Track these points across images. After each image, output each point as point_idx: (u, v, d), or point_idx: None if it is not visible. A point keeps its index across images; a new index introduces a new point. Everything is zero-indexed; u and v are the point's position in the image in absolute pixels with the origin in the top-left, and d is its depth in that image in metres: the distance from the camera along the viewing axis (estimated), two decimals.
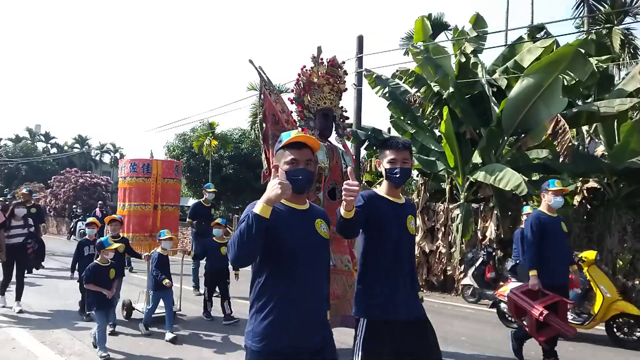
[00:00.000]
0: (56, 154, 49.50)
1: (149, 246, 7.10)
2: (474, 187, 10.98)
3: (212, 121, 25.57)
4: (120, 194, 7.47)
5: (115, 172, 55.19)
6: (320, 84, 5.50)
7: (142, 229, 7.15)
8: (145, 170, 7.20)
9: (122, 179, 7.44)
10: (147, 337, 6.15)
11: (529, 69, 9.68)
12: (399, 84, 12.27)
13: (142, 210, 7.20)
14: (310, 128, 5.33)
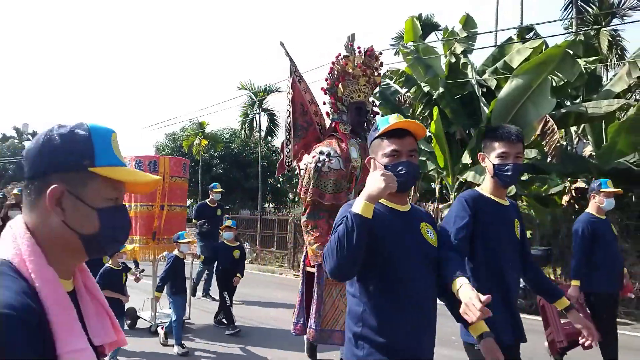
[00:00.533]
0: None
1: (156, 250, 6.63)
2: (463, 187, 11.02)
3: (202, 120, 25.43)
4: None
5: None
6: (355, 75, 5.01)
7: (148, 231, 6.64)
8: (152, 168, 6.62)
9: None
10: (153, 351, 5.61)
11: (518, 69, 9.75)
12: (390, 84, 12.31)
13: (149, 211, 6.61)
14: (343, 122, 4.92)
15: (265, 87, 21.80)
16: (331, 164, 4.59)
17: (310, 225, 4.67)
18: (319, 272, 4.54)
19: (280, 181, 30.46)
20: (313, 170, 4.59)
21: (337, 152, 4.67)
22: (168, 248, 6.53)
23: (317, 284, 4.57)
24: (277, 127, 23.61)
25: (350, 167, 4.67)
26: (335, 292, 4.56)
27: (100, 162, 1.05)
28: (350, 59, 5.03)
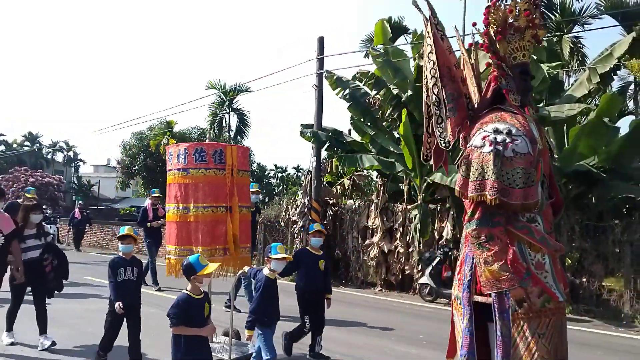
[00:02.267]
0: (4, 152, 47.26)
1: (226, 264, 5.38)
2: (431, 188, 11.19)
3: (170, 119, 25.01)
4: (176, 193, 5.40)
5: (68, 171, 53.32)
6: (520, 27, 3.69)
7: (214, 240, 5.30)
8: (218, 159, 5.39)
9: (179, 171, 5.41)
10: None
11: (484, 73, 9.94)
12: (359, 86, 12.38)
13: (214, 214, 5.30)
14: (512, 91, 3.66)
15: (235, 87, 21.63)
16: (516, 146, 3.35)
17: (484, 235, 3.37)
18: (501, 302, 3.31)
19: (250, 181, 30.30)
20: (493, 156, 3.32)
21: (520, 130, 3.44)
22: (246, 261, 5.53)
23: (498, 319, 3.31)
24: (248, 128, 23.48)
25: (537, 152, 3.46)
26: (531, 330, 3.27)
27: None
28: (512, 5, 3.72)
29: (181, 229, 5.33)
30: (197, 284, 3.80)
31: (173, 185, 5.46)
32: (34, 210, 5.73)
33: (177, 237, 5.36)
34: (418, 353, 5.92)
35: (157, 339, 5.44)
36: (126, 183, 30.50)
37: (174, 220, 5.41)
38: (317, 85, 12.64)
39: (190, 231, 5.28)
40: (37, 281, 5.61)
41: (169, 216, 5.57)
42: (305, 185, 12.98)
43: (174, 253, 5.40)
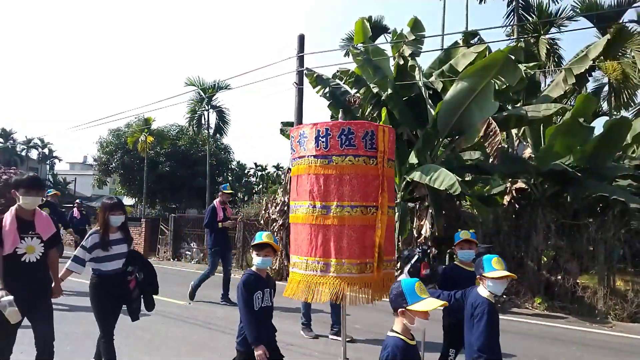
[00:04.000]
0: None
1: (378, 284, 4.26)
2: (410, 186, 11.23)
3: (148, 116, 24.66)
4: (312, 186, 4.27)
5: (43, 168, 52.19)
6: None
7: (364, 252, 4.19)
8: (369, 143, 4.28)
9: (316, 158, 4.27)
10: None
11: (463, 73, 10.03)
12: (340, 84, 12.35)
13: (364, 216, 4.21)
14: None
15: (214, 84, 21.41)
16: None
17: None
18: None
19: (229, 180, 30.02)
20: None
21: None
22: (390, 279, 4.38)
23: None
24: (227, 125, 23.27)
25: None
26: None
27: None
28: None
29: (317, 234, 4.18)
30: (407, 324, 2.65)
31: (306, 177, 4.30)
32: (114, 210, 4.31)
33: (310, 246, 4.20)
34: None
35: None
36: (103, 181, 29.98)
37: (306, 222, 4.25)
38: (297, 83, 12.58)
39: (330, 238, 4.13)
40: (124, 300, 4.38)
41: (297, 217, 4.42)
42: (286, 183, 12.90)
43: (303, 266, 4.25)
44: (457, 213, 11.33)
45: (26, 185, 3.79)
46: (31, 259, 3.81)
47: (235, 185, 33.14)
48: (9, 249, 3.70)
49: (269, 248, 3.63)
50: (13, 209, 3.80)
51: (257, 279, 3.61)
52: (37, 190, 3.87)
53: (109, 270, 4.24)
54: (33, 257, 3.82)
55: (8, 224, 3.72)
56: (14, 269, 3.73)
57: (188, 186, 26.00)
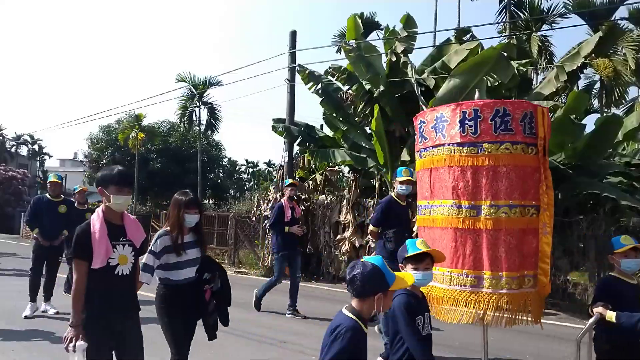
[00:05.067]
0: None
1: (528, 302, 3.52)
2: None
3: (139, 113, 24.48)
4: (456, 182, 3.57)
5: (33, 165, 51.66)
6: None
7: (523, 263, 3.50)
8: (528, 128, 3.55)
9: (460, 147, 3.56)
10: None
11: (455, 69, 10.02)
12: (332, 81, 12.32)
13: (522, 218, 3.52)
14: None
15: (205, 80, 21.27)
16: None
17: None
18: None
19: (221, 177, 29.92)
20: None
21: None
22: (544, 293, 3.61)
23: None
24: (218, 122, 23.13)
25: None
26: None
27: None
28: None
29: (464, 241, 3.46)
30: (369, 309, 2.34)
31: (447, 170, 3.56)
32: (189, 207, 3.57)
33: (456, 255, 3.49)
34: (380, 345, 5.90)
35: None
36: (94, 177, 29.76)
37: (448, 226, 3.53)
38: (289, 79, 12.52)
39: (482, 246, 3.42)
40: (192, 315, 3.59)
41: (433, 220, 3.70)
42: (277, 180, 12.86)
43: (445, 280, 3.54)
44: None
45: (117, 181, 3.04)
46: (124, 272, 3.02)
47: (226, 182, 32.99)
48: (101, 261, 2.90)
49: (429, 259, 2.83)
50: (100, 211, 3.04)
51: (417, 301, 2.82)
52: (129, 188, 3.16)
53: (180, 280, 3.51)
54: (126, 269, 3.03)
55: (98, 230, 2.93)
56: (106, 286, 2.94)
57: (179, 183, 25.81)
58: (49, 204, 7.06)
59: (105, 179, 3.05)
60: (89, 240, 2.89)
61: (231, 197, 32.12)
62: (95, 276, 2.90)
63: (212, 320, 3.61)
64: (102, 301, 2.90)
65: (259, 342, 5.86)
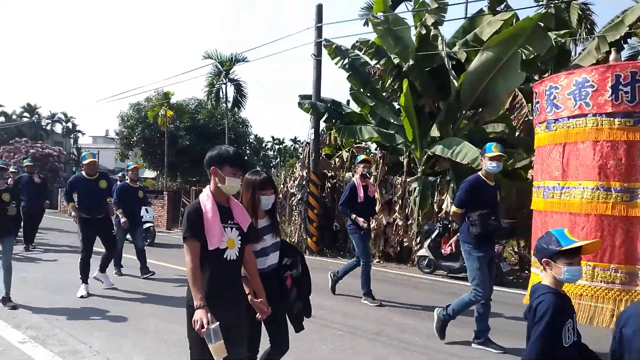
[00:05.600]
0: (4, 123, 46.85)
1: None
2: (431, 160, 11.00)
3: (167, 90, 24.65)
4: (601, 159, 3.26)
5: (67, 142, 52.99)
6: None
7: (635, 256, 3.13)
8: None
9: (609, 117, 3.22)
10: None
11: (488, 42, 9.64)
12: (359, 55, 12.04)
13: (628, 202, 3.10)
14: None
15: (231, 57, 21.18)
16: None
17: None
18: None
19: (247, 153, 30.05)
20: None
21: None
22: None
23: None
24: (245, 98, 23.10)
25: None
26: None
27: None
28: None
29: (612, 231, 3.04)
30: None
31: (590, 146, 3.13)
32: (265, 187, 3.20)
33: (602, 247, 3.02)
34: (415, 324, 5.85)
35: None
36: (125, 154, 30.29)
37: (589, 212, 3.11)
38: (315, 54, 12.31)
39: (637, 237, 2.99)
40: (276, 304, 3.16)
41: (564, 204, 3.25)
42: (304, 157, 12.78)
43: (587, 275, 3.11)
44: None
45: (233, 162, 2.76)
46: (232, 256, 2.77)
47: (253, 159, 33.15)
48: (218, 241, 2.68)
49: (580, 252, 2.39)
50: (209, 192, 2.79)
51: (566, 302, 2.45)
52: (244, 170, 2.91)
53: (264, 268, 3.16)
54: (234, 254, 2.78)
55: (210, 210, 2.70)
56: (215, 271, 2.71)
57: None
58: (87, 183, 7.00)
59: (222, 158, 2.77)
60: (200, 219, 2.66)
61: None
62: (205, 260, 2.67)
63: (297, 310, 3.27)
64: (212, 287, 2.67)
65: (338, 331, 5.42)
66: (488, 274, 4.84)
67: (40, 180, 11.38)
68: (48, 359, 4.31)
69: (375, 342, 5.08)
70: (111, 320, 5.61)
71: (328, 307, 6.54)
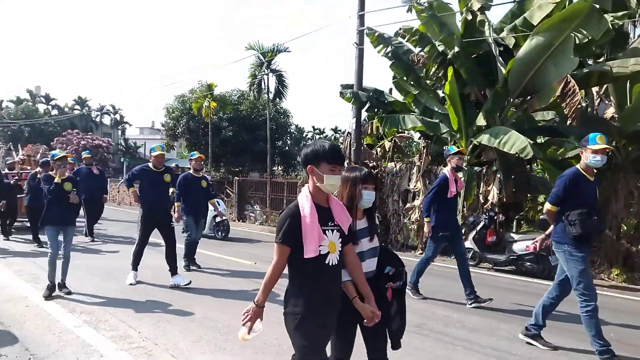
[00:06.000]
0: (57, 115, 49.03)
1: None
2: (477, 150, 10.71)
3: (210, 82, 25.06)
4: None
5: (115, 133, 54.91)
6: None
7: None
8: None
9: None
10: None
11: (539, 26, 9.22)
12: (402, 43, 11.80)
13: None
14: None
15: (273, 47, 21.26)
16: None
17: None
18: None
19: (288, 144, 30.23)
20: None
21: None
22: None
23: None
24: (286, 89, 23.16)
25: None
26: None
27: None
28: None
29: None
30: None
31: None
32: (366, 181, 2.85)
33: None
34: (459, 317, 5.72)
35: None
36: (170, 145, 31.10)
37: None
38: (357, 43, 12.16)
39: None
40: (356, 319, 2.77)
41: None
42: (345, 147, 12.70)
43: None
44: (528, 178, 10.70)
45: (330, 157, 2.54)
46: (333, 261, 2.56)
47: (294, 149, 33.31)
48: (314, 249, 2.48)
49: None
50: (307, 193, 2.59)
51: None
52: (342, 165, 2.63)
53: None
54: (335, 259, 2.56)
55: (309, 214, 2.50)
56: (317, 278, 2.54)
57: (250, 150, 26.45)
58: (153, 175, 7.00)
59: (317, 155, 2.55)
60: (297, 226, 2.48)
61: (298, 164, 32.52)
62: (304, 267, 2.51)
63: (396, 326, 2.90)
64: (314, 295, 2.52)
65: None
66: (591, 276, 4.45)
67: (99, 172, 11.21)
68: (101, 342, 4.48)
69: (418, 334, 5.01)
70: (158, 307, 5.78)
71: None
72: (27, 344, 4.41)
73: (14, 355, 4.12)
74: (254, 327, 2.53)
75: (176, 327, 5.01)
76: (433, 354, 4.45)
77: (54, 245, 6.16)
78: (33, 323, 5.02)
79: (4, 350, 4.21)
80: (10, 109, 47.12)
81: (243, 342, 2.61)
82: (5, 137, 42.85)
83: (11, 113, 45.49)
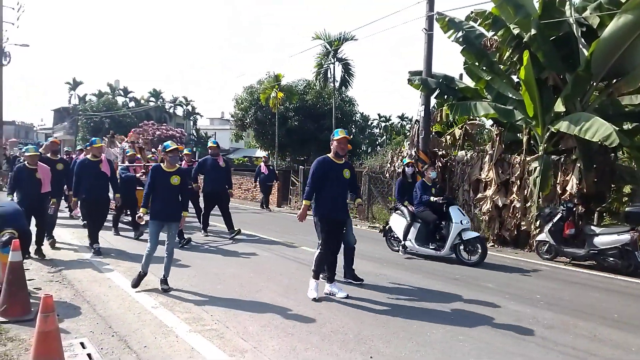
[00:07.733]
0: (135, 107, 51.80)
1: None
2: (554, 137, 10.12)
3: (278, 73, 25.41)
4: None
5: (187, 124, 57.26)
6: None
7: None
8: None
9: None
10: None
11: (628, 3, 8.51)
12: (474, 27, 11.33)
13: None
14: None
15: (340, 36, 21.16)
16: None
17: None
18: None
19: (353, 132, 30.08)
20: None
21: None
22: None
23: None
24: (352, 77, 23.03)
25: None
26: None
27: None
28: None
29: None
30: None
31: None
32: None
33: None
34: (533, 313, 5.47)
35: None
36: (239, 135, 31.94)
37: None
38: (426, 29, 11.83)
39: None
40: None
41: None
42: (412, 135, 12.44)
43: None
44: (612, 167, 9.97)
45: None
46: None
47: (359, 137, 33.12)
48: None
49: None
50: None
51: None
52: None
53: None
54: None
55: None
56: None
57: (315, 139, 26.61)
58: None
59: None
60: None
61: (363, 153, 32.30)
62: None
63: None
64: None
65: None
66: None
67: (225, 164, 9.99)
68: (176, 323, 4.72)
69: (489, 329, 4.83)
70: (230, 292, 5.98)
71: (445, 291, 6.38)
72: (110, 322, 4.72)
73: (99, 332, 4.42)
74: None
75: (246, 311, 5.16)
76: (504, 350, 4.28)
77: (154, 240, 5.92)
78: (115, 303, 5.37)
79: (91, 327, 4.53)
80: (92, 102, 50.34)
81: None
82: (89, 128, 45.86)
83: (93, 106, 48.59)
